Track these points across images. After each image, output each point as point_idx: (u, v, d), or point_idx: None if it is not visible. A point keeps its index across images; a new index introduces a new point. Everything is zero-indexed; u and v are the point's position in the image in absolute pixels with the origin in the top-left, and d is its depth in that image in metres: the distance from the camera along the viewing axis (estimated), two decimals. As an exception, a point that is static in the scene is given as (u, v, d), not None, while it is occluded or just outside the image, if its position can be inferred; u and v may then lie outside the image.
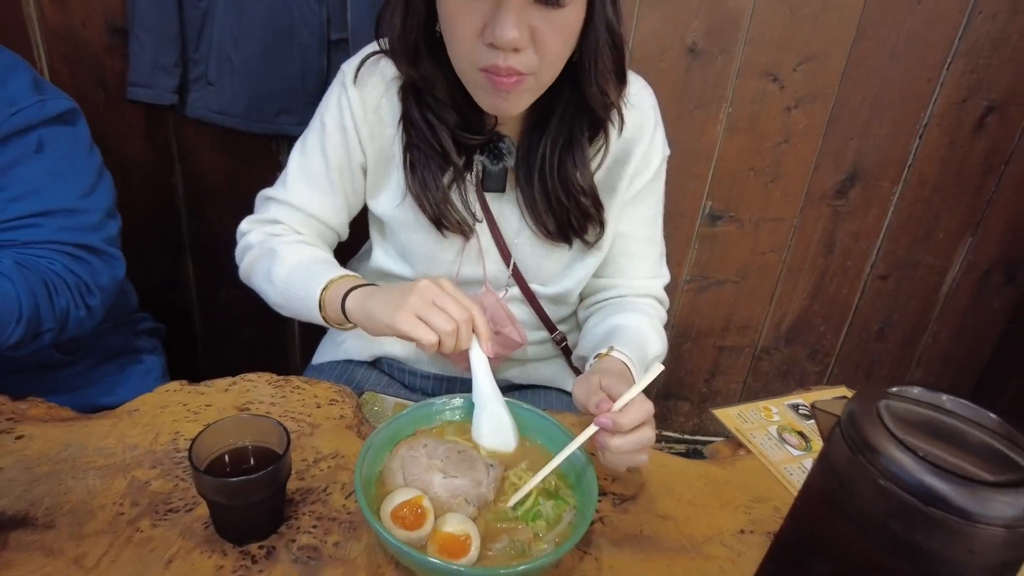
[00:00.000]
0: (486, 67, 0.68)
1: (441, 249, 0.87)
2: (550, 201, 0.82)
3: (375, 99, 0.82)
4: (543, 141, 0.80)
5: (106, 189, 0.92)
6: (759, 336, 1.68)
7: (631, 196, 0.87)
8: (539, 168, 0.81)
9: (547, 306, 0.93)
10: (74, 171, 0.87)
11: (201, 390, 0.78)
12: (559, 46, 0.69)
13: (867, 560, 0.41)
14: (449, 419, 0.69)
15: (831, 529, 0.43)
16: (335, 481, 0.67)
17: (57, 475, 0.65)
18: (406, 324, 0.66)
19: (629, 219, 0.88)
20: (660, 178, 0.89)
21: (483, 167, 0.82)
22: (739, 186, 1.50)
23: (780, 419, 0.85)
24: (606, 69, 0.74)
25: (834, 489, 0.43)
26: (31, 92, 0.83)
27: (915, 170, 1.50)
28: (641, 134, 0.84)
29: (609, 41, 0.73)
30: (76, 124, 0.89)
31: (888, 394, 0.43)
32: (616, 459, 0.64)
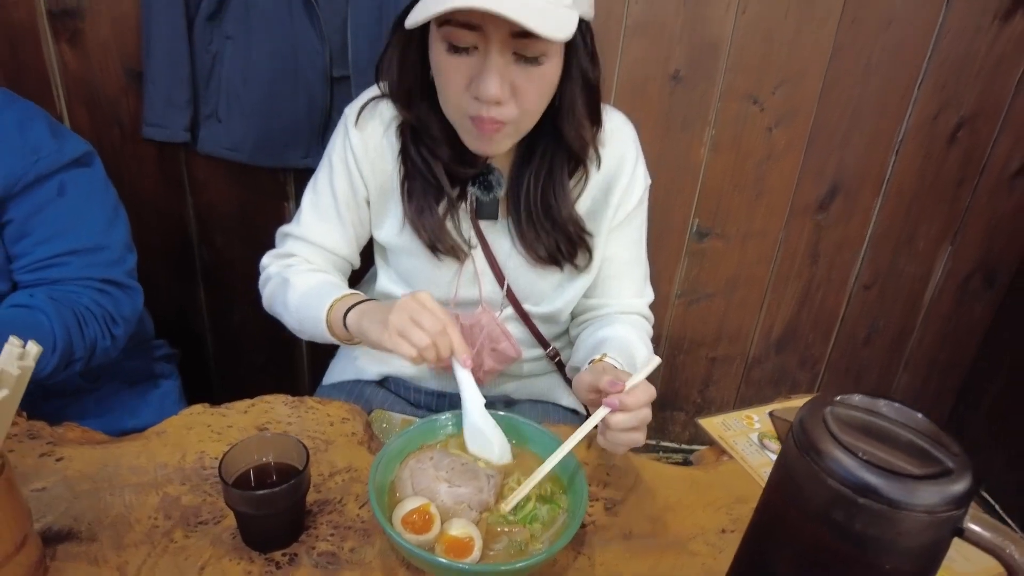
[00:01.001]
0: (472, 116, 0.75)
1: (439, 272, 0.93)
2: (537, 228, 0.89)
3: (376, 139, 0.90)
4: (528, 174, 0.87)
5: (122, 224, 0.99)
6: (750, 346, 1.74)
7: (617, 223, 0.93)
8: (525, 198, 0.88)
9: (540, 324, 0.99)
10: (94, 210, 0.94)
11: (223, 412, 0.85)
12: (537, 98, 0.77)
13: (817, 544, 0.48)
14: (452, 433, 0.75)
15: (788, 519, 0.50)
16: (349, 492, 0.74)
17: (96, 492, 0.72)
18: (389, 342, 0.72)
19: (615, 243, 0.95)
20: (643, 205, 0.96)
21: (476, 197, 0.89)
22: (725, 203, 1.57)
23: (761, 427, 0.91)
24: (581, 114, 0.82)
25: (789, 485, 0.49)
26: (50, 138, 0.90)
27: (893, 183, 1.57)
28: (623, 166, 0.91)
29: (584, 91, 0.81)
30: (92, 165, 0.96)
31: (834, 401, 0.50)
32: (616, 437, 0.70)
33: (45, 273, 0.89)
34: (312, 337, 0.90)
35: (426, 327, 0.72)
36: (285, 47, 1.31)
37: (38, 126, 0.89)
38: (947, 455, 0.46)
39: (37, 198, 0.88)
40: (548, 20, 0.68)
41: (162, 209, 1.52)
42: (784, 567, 0.51)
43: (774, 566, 0.52)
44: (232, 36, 1.31)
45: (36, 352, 0.57)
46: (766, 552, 0.53)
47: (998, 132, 1.52)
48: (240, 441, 0.67)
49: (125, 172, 1.47)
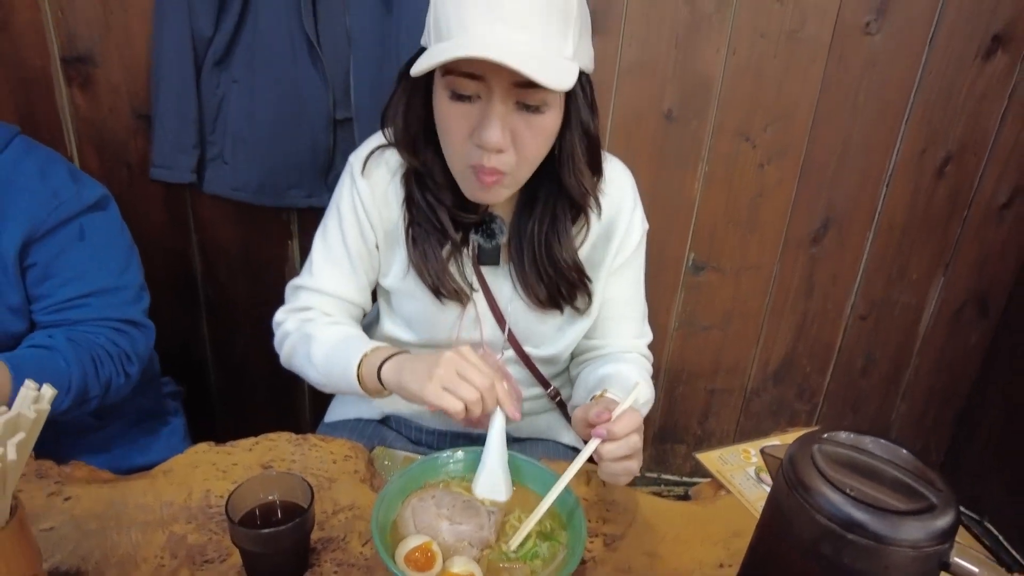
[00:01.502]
0: (473, 164, 0.78)
1: (441, 315, 0.95)
2: (540, 274, 0.91)
3: (382, 187, 0.92)
4: (531, 222, 0.89)
5: (137, 265, 1.02)
6: (748, 378, 1.76)
7: (616, 267, 0.95)
8: (528, 245, 0.90)
9: (541, 366, 1.01)
10: (111, 252, 0.97)
11: (228, 450, 0.86)
12: (537, 147, 0.79)
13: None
14: (453, 472, 0.76)
15: (779, 554, 0.51)
16: (353, 530, 0.75)
17: (103, 531, 0.73)
18: (434, 396, 0.73)
19: (614, 286, 0.97)
20: (641, 249, 0.98)
21: (478, 244, 0.91)
22: (719, 237, 1.60)
23: (758, 461, 0.92)
24: (581, 163, 0.84)
25: (779, 521, 0.51)
26: (70, 184, 0.93)
27: (884, 216, 1.61)
28: (621, 213, 0.94)
29: (584, 140, 0.83)
30: (108, 208, 0.99)
31: (821, 439, 0.52)
32: (610, 467, 0.72)
33: (65, 315, 0.91)
34: (337, 390, 0.92)
35: (475, 383, 0.73)
36: (289, 91, 1.35)
37: (58, 171, 0.92)
38: (931, 491, 0.47)
39: (59, 242, 0.90)
40: (550, 71, 0.70)
41: (168, 247, 1.55)
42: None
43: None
44: (238, 80, 1.35)
45: (51, 395, 0.59)
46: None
47: (984, 166, 1.56)
48: (246, 480, 0.68)
49: (132, 211, 1.49)
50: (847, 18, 1.42)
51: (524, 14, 0.71)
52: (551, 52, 0.72)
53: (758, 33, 1.42)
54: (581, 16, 0.76)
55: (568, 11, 0.73)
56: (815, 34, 1.43)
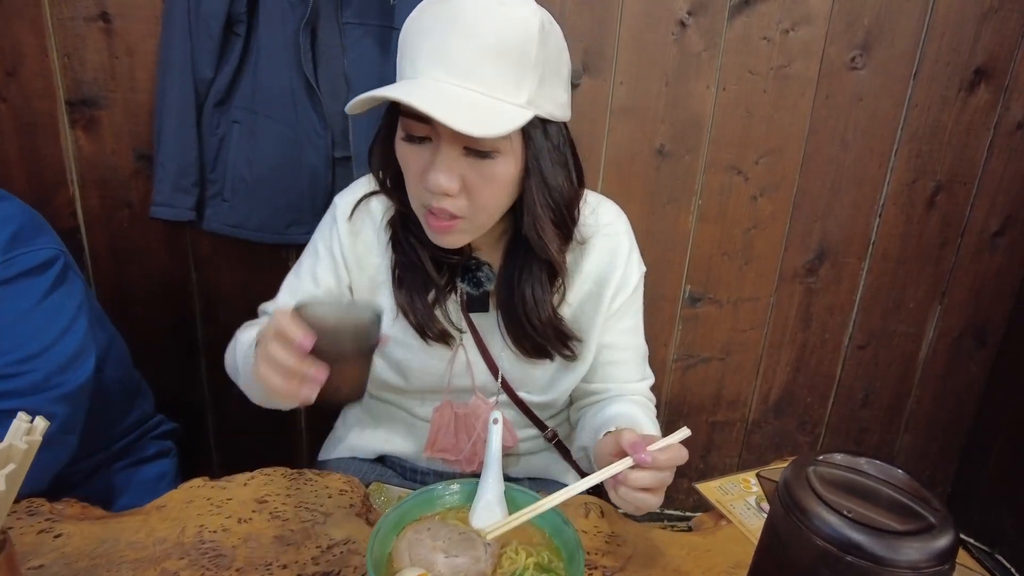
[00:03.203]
0: (426, 205, 0.77)
1: (431, 362, 0.93)
2: (523, 329, 0.88)
3: (366, 234, 0.91)
4: (513, 271, 0.87)
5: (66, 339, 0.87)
6: (748, 410, 1.75)
7: (613, 312, 0.93)
8: (515, 295, 0.87)
9: (537, 410, 0.99)
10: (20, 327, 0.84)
11: (222, 484, 0.85)
12: (492, 195, 0.76)
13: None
14: (449, 504, 0.75)
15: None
16: (348, 565, 0.73)
17: (94, 569, 0.72)
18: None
19: (612, 332, 0.94)
20: (639, 292, 0.96)
21: (466, 293, 0.90)
22: (715, 270, 1.61)
23: (758, 490, 0.91)
24: (543, 219, 0.79)
25: (776, 545, 0.50)
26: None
27: (879, 246, 1.62)
28: (616, 260, 0.92)
29: (545, 193, 0.78)
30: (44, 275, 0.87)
31: (817, 461, 0.52)
32: (630, 495, 0.68)
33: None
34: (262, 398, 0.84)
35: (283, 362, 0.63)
36: (289, 131, 1.38)
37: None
38: (929, 511, 0.47)
39: None
40: (484, 117, 0.68)
41: (167, 285, 1.56)
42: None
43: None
44: (239, 120, 1.38)
45: (43, 427, 0.59)
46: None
47: (974, 196, 1.58)
48: (315, 301, 0.67)
49: (133, 250, 1.52)
50: (832, 54, 1.46)
51: (469, 61, 0.70)
52: (497, 100, 0.70)
53: (746, 70, 1.46)
54: (544, 62, 0.73)
55: (524, 58, 0.71)
56: (803, 70, 1.47)
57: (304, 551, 0.75)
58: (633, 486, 0.68)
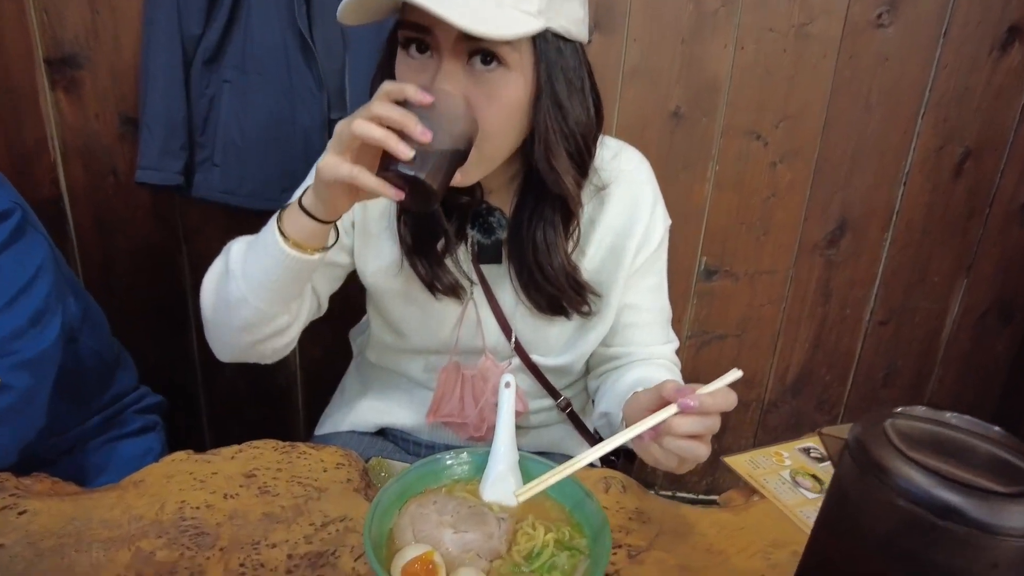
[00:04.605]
0: None
1: (439, 319, 0.87)
2: (535, 279, 0.81)
3: None
4: (525, 218, 0.80)
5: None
6: (765, 390, 1.67)
7: (636, 268, 0.86)
8: (527, 244, 0.80)
9: (551, 376, 0.92)
10: None
11: (207, 459, 0.78)
12: (496, 116, 0.69)
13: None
14: (457, 475, 0.68)
15: (848, 555, 0.43)
16: (344, 544, 0.66)
17: (61, 550, 0.64)
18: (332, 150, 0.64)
19: (635, 290, 0.88)
20: (663, 247, 0.90)
21: (477, 241, 0.83)
22: (731, 241, 1.54)
23: (792, 463, 0.84)
24: (555, 149, 0.72)
25: (848, 513, 0.43)
26: None
27: (902, 216, 1.54)
28: (640, 209, 0.85)
29: (560, 120, 0.71)
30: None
31: (894, 414, 0.44)
32: (677, 445, 0.61)
33: None
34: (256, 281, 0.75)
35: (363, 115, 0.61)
36: (282, 91, 1.30)
37: None
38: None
39: None
40: (488, 17, 0.62)
41: (155, 257, 1.48)
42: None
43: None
44: (229, 80, 1.30)
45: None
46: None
47: (1004, 163, 1.50)
48: None
49: (119, 221, 1.45)
50: (857, 11, 1.37)
51: None
52: (505, 6, 0.64)
53: (766, 28, 1.38)
54: None
55: None
56: (825, 28, 1.38)
57: (296, 529, 0.68)
58: (679, 433, 0.60)
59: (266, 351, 0.83)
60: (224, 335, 0.82)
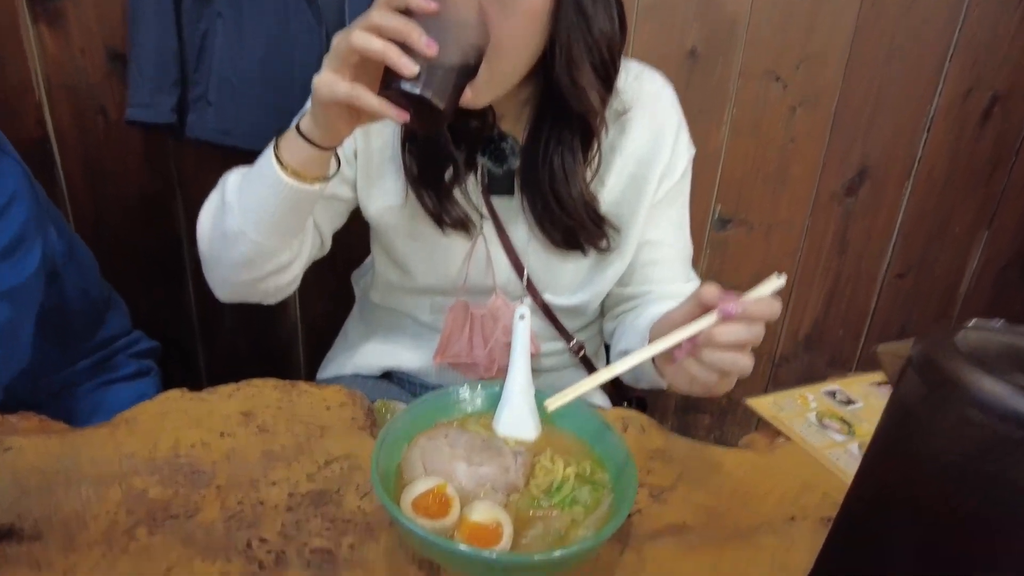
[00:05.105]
0: None
1: (446, 256, 0.82)
2: (550, 209, 0.76)
3: None
4: (540, 144, 0.74)
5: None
6: (777, 344, 1.63)
7: (658, 200, 0.81)
8: (541, 172, 0.75)
9: (563, 317, 0.88)
10: None
11: (203, 397, 0.74)
12: (513, 30, 0.63)
13: (955, 512, 0.37)
14: (469, 410, 0.64)
15: (913, 480, 0.39)
16: (349, 482, 0.62)
17: (48, 487, 0.61)
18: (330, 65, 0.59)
19: (656, 224, 0.82)
20: (687, 178, 0.84)
21: (487, 170, 0.78)
22: (747, 190, 1.48)
23: (818, 406, 0.80)
24: (579, 63, 0.66)
25: (912, 435, 0.39)
26: None
27: (924, 165, 1.48)
28: (664, 135, 0.79)
29: (584, 32, 0.65)
30: None
31: (964, 328, 0.39)
32: (718, 357, 0.56)
33: None
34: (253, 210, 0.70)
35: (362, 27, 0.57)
36: (279, 27, 1.23)
37: None
38: None
39: None
40: None
41: (149, 204, 1.42)
42: (903, 553, 0.40)
43: (887, 554, 0.41)
44: (222, 13, 1.22)
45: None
46: (874, 536, 0.42)
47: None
48: None
49: (110, 163, 1.38)
50: (886, -55, 1.29)
51: None
52: None
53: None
54: None
55: None
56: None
57: (297, 468, 0.64)
58: (721, 343, 0.55)
59: (267, 289, 0.79)
60: (222, 272, 0.77)
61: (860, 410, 0.80)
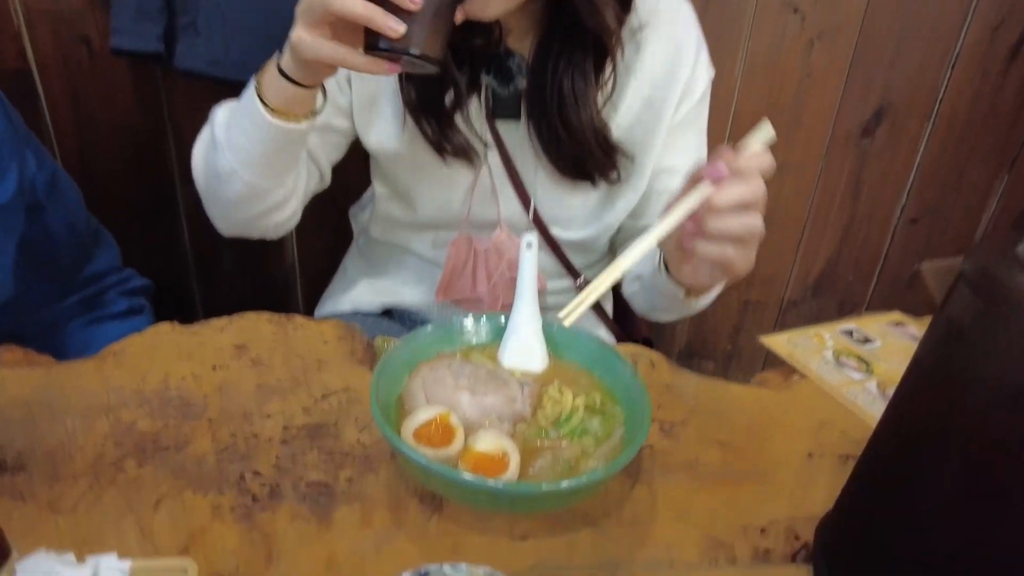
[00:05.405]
0: None
1: (448, 185, 0.78)
2: (558, 136, 0.72)
3: None
4: (548, 64, 0.69)
5: None
6: (786, 288, 1.60)
7: (676, 124, 0.76)
8: (550, 94, 0.70)
9: (571, 253, 0.84)
10: None
11: (194, 330, 0.70)
12: None
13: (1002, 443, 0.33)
14: (475, 341, 0.61)
15: (955, 409, 0.36)
16: (347, 415, 0.60)
17: (31, 419, 0.58)
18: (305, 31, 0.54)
19: (673, 151, 0.78)
20: (705, 101, 0.79)
21: (492, 91, 0.73)
22: (761, 128, 1.42)
23: (834, 344, 0.77)
24: None
25: (960, 357, 0.35)
26: None
27: (946, 104, 1.42)
28: (683, 54, 0.74)
29: None
30: None
31: (1022, 238, 0.35)
32: (725, 223, 0.53)
33: None
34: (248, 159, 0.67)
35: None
36: (269, -53, 1.15)
37: None
38: None
39: None
40: None
41: (138, 140, 1.37)
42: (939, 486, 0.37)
43: (920, 488, 0.38)
44: (208, -67, 1.15)
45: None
46: (907, 470, 0.39)
47: (1066, 45, 1.37)
48: None
49: (95, 97, 1.32)
50: None
51: None
52: None
53: None
54: None
55: None
56: None
57: (292, 401, 0.61)
58: (721, 207, 0.52)
59: (267, 226, 0.77)
60: (220, 208, 0.76)
61: (878, 349, 0.77)
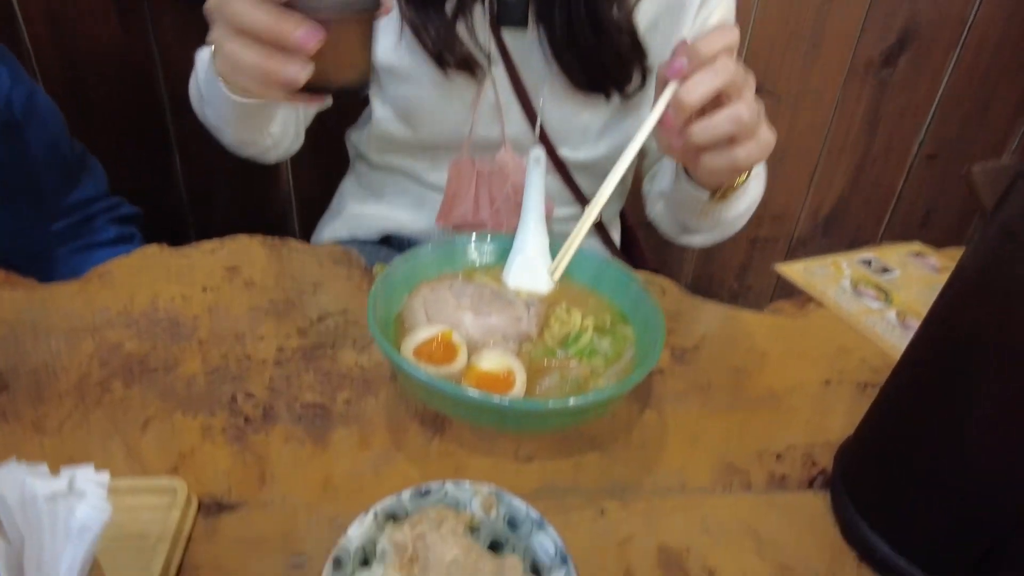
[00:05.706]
0: None
1: (449, 101, 0.73)
2: (577, 40, 0.67)
3: None
4: None
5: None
6: (795, 226, 1.56)
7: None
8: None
9: (579, 176, 0.80)
10: None
11: (184, 252, 0.67)
12: None
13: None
14: (477, 261, 0.57)
15: (1005, 320, 0.32)
16: (345, 336, 0.57)
17: (13, 338, 0.55)
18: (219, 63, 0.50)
19: None
20: (732, 8, 0.75)
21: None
22: (777, 55, 1.35)
23: (852, 273, 0.74)
24: None
25: (1014, 263, 0.32)
26: None
27: (975, 32, 1.34)
28: None
29: None
30: None
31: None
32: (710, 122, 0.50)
33: None
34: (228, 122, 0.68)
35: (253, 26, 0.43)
36: None
37: None
38: None
39: None
40: None
41: (126, 71, 1.30)
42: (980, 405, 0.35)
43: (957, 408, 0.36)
44: None
45: None
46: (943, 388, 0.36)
47: (1105, -35, 1.28)
48: None
49: (76, 17, 1.25)
50: None
51: None
52: None
53: None
54: None
55: None
56: None
57: (287, 322, 0.59)
58: (697, 102, 0.48)
59: (268, 159, 0.80)
60: (223, 142, 0.77)
61: (897, 278, 0.74)
